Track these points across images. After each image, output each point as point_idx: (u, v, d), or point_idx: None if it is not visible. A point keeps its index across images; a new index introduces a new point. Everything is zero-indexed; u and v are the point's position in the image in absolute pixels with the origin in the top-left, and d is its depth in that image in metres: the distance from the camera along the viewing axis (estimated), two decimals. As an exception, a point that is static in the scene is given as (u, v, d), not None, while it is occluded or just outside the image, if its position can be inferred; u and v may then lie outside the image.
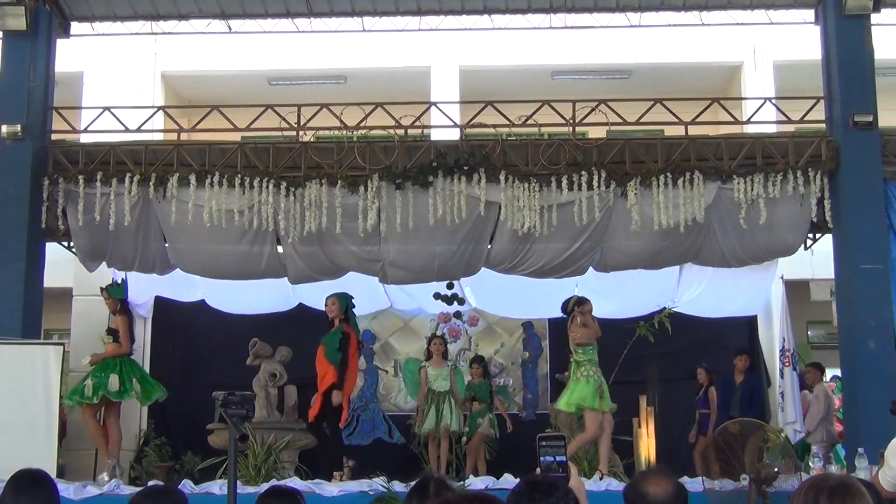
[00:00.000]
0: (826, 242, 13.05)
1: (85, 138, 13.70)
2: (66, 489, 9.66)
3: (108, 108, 13.54)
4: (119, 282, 12.72)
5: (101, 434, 12.06)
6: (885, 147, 12.69)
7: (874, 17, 12.93)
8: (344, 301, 12.27)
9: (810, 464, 10.07)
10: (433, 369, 12.56)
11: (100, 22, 14.55)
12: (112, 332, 12.23)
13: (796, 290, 14.55)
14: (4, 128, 12.77)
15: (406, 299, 15.19)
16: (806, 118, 13.19)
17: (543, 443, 3.78)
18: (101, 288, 12.57)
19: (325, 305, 12.27)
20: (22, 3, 12.78)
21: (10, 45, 13.23)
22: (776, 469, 9.76)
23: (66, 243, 13.45)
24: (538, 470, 3.72)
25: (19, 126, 12.75)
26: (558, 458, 3.74)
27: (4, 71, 13.19)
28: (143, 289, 14.61)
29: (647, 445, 12.81)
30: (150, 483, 9.54)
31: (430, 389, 12.68)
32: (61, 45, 14.00)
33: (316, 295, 13.98)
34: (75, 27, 14.34)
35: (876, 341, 11.95)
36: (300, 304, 15.02)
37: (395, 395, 15.89)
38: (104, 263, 13.33)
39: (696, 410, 13.87)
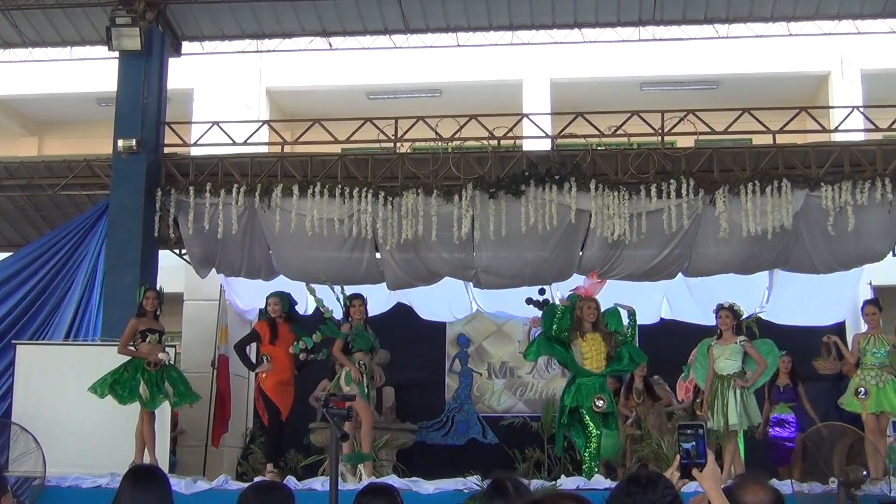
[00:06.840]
0: (915, 248, 12.76)
1: (195, 151, 13.92)
2: (177, 484, 9.72)
3: (217, 123, 13.73)
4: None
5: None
6: (977, 153, 12.41)
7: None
8: (286, 301, 11.45)
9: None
10: (718, 347, 10.64)
11: (209, 41, 14.87)
12: None
13: (884, 296, 14.15)
14: (120, 142, 12.99)
15: (498, 304, 15.11)
16: (894, 126, 12.91)
17: (683, 430, 3.74)
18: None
19: (267, 304, 11.37)
20: (136, 25, 13.02)
21: (125, 64, 13.46)
22: (864, 472, 9.53)
23: (177, 251, 13.70)
24: (678, 456, 3.68)
25: (134, 140, 12.94)
26: (698, 445, 3.68)
27: (120, 89, 13.43)
28: (249, 296, 14.84)
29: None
30: (257, 479, 9.64)
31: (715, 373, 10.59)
32: (173, 63, 14.24)
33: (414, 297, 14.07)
34: (186, 46, 14.65)
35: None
36: (398, 304, 14.89)
37: (488, 396, 15.75)
38: (213, 270, 13.56)
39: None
